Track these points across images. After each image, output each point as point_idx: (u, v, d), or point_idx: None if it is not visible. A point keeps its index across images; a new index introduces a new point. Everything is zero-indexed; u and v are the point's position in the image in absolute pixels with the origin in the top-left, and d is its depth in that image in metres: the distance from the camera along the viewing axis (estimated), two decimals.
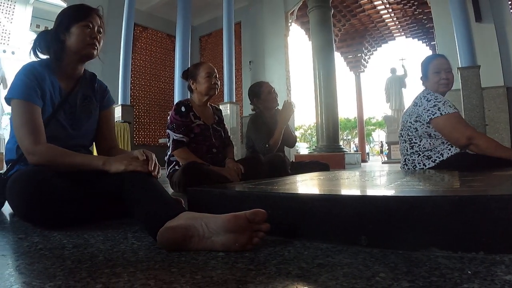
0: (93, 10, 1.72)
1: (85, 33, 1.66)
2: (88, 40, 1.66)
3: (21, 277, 0.81)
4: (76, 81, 1.77)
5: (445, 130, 2.39)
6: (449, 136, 2.39)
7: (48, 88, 1.62)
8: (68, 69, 1.72)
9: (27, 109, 1.52)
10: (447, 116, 2.35)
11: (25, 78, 1.55)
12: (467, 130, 2.33)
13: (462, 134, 2.32)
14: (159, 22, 11.78)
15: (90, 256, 0.96)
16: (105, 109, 1.90)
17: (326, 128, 8.69)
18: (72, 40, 1.65)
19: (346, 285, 0.70)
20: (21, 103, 1.52)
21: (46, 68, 1.65)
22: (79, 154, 1.53)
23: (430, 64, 2.60)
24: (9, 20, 25.25)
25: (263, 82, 3.53)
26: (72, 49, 1.66)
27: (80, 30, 1.65)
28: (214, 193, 1.36)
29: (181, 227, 1.02)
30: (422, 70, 2.67)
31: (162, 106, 11.70)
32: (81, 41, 1.65)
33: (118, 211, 1.55)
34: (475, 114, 5.82)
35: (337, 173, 2.43)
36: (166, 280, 0.76)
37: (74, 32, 1.65)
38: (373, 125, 52.30)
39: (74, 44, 1.65)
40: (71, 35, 1.65)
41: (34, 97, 1.54)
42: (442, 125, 2.39)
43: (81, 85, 1.78)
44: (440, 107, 2.38)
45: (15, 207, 1.48)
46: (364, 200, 1.01)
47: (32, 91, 1.54)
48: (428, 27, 13.45)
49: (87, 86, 1.82)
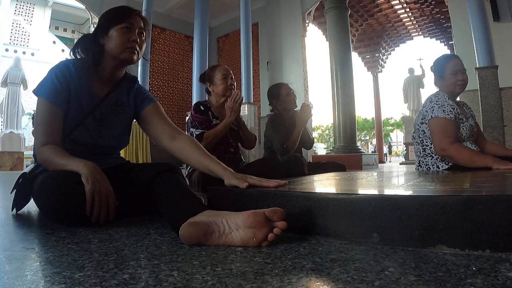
0: (133, 11, 1.65)
1: (124, 36, 1.59)
2: (127, 43, 1.59)
3: (51, 268, 0.85)
4: (113, 85, 1.71)
5: (431, 133, 2.40)
6: (432, 139, 2.41)
7: (77, 90, 1.58)
8: (104, 73, 1.66)
9: (48, 110, 1.53)
10: (435, 119, 2.35)
11: (55, 79, 1.54)
12: (444, 140, 2.30)
13: (439, 142, 2.32)
14: (177, 23, 11.89)
15: (115, 250, 1.01)
16: (147, 106, 1.77)
17: (343, 128, 8.66)
18: (111, 44, 1.59)
19: (357, 278, 0.74)
20: (45, 103, 1.53)
21: (81, 69, 1.61)
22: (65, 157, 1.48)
23: (447, 64, 2.54)
24: (28, 22, 25.71)
25: (282, 84, 3.54)
26: (111, 53, 1.60)
27: (118, 33, 1.58)
28: (233, 191, 1.40)
29: (204, 223, 1.07)
30: (437, 71, 2.60)
31: (181, 107, 11.80)
32: (119, 45, 1.58)
33: (141, 209, 1.60)
34: (493, 115, 5.72)
35: (352, 174, 2.45)
36: (188, 271, 0.80)
37: (112, 35, 1.59)
38: (391, 126, 51.76)
39: (113, 48, 1.59)
40: (110, 39, 1.59)
41: (58, 100, 1.53)
42: (430, 128, 2.40)
43: (117, 90, 1.72)
44: (435, 109, 2.37)
45: (42, 209, 1.51)
46: (376, 199, 1.04)
47: (57, 93, 1.53)
48: (445, 26, 13.29)
49: (123, 91, 1.75)
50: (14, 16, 25.10)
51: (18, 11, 25.42)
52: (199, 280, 0.74)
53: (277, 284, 0.71)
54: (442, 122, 2.34)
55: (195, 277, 0.76)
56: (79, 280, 0.74)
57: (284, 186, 1.37)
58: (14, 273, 0.80)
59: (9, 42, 24.27)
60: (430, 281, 0.71)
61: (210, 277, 0.77)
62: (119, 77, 1.73)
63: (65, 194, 1.35)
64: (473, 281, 0.70)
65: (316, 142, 37.64)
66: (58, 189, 1.36)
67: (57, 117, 1.54)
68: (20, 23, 25.39)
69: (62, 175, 1.40)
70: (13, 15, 24.96)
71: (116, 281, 0.74)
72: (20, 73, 12.42)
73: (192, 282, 0.73)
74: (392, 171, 2.76)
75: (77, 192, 1.35)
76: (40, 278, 0.77)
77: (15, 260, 0.92)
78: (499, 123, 5.72)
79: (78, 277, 0.76)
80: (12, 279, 0.76)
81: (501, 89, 5.87)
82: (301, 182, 1.70)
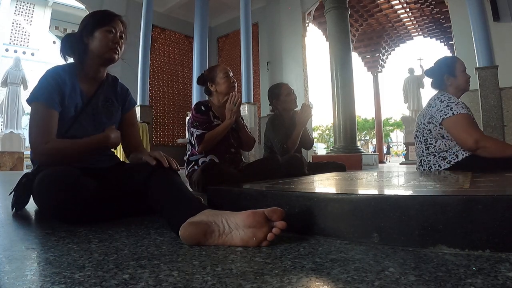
0: (116, 16, 1.80)
1: (108, 38, 1.73)
2: (111, 44, 1.74)
3: (51, 267, 0.85)
4: (98, 84, 1.84)
5: (454, 130, 2.37)
6: (457, 137, 2.37)
7: (68, 92, 1.69)
8: (90, 72, 1.79)
9: (44, 112, 1.61)
10: (458, 116, 2.34)
11: (46, 83, 1.64)
12: (475, 133, 2.30)
13: (470, 136, 2.29)
14: (177, 23, 11.90)
15: (115, 250, 1.02)
16: (128, 111, 1.98)
17: (343, 128, 8.65)
18: (95, 43, 1.73)
19: (357, 278, 0.74)
20: (39, 106, 1.61)
21: (68, 73, 1.72)
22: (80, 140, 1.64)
23: (457, 63, 2.60)
24: (29, 22, 25.68)
25: (282, 84, 3.54)
26: (95, 52, 1.74)
27: (103, 34, 1.73)
28: (233, 192, 1.40)
29: (203, 222, 1.08)
30: (448, 70, 2.61)
31: (181, 107, 11.81)
32: (103, 45, 1.73)
33: (140, 209, 1.60)
34: (493, 115, 5.73)
35: (352, 174, 2.45)
36: (188, 271, 0.81)
37: (97, 36, 1.73)
38: (391, 126, 51.74)
39: (97, 48, 1.73)
40: (95, 39, 1.73)
41: (52, 102, 1.62)
42: (452, 125, 2.37)
43: (103, 88, 1.85)
44: (453, 107, 2.36)
45: (42, 206, 1.53)
46: (376, 199, 1.04)
47: (51, 96, 1.62)
48: (446, 26, 13.28)
49: (109, 89, 1.89)
50: (14, 16, 25.06)
51: (18, 11, 25.38)
52: (199, 280, 0.74)
53: (277, 284, 0.71)
54: (467, 117, 2.35)
55: (195, 277, 0.77)
56: (79, 280, 0.75)
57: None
58: (14, 273, 0.80)
59: (9, 42, 24.24)
60: (430, 281, 0.71)
61: (210, 277, 0.77)
62: (102, 77, 1.87)
63: (64, 190, 1.36)
64: (473, 281, 0.71)
65: (316, 142, 37.66)
66: (57, 185, 1.38)
67: (53, 118, 1.63)
68: (20, 23, 25.35)
69: (61, 172, 1.42)
70: (13, 15, 24.93)
71: (116, 281, 0.74)
72: (20, 73, 12.40)
73: (192, 282, 0.73)
74: (391, 171, 2.76)
75: (76, 189, 1.38)
76: (40, 278, 0.78)
77: (15, 260, 0.92)
78: (499, 123, 5.72)
79: (78, 277, 0.77)
80: (12, 279, 0.76)
81: (501, 89, 5.88)
82: (301, 182, 1.71)
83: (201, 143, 2.70)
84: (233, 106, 2.71)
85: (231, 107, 2.71)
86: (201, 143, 2.70)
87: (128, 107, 1.98)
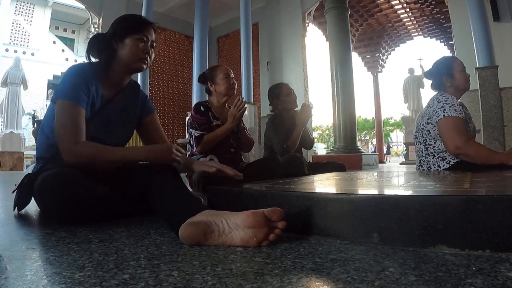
0: (150, 24, 1.73)
1: (138, 47, 1.66)
2: (141, 54, 1.67)
3: (52, 268, 0.85)
4: (119, 90, 1.77)
5: (442, 132, 2.37)
6: (443, 139, 2.38)
7: (92, 92, 1.61)
8: (114, 78, 1.72)
9: (73, 110, 1.52)
10: (447, 118, 2.32)
11: (73, 80, 1.56)
12: (458, 138, 2.28)
13: (451, 141, 2.30)
14: (177, 23, 11.89)
15: (116, 250, 1.02)
16: (147, 116, 1.90)
17: (343, 128, 8.65)
18: (124, 51, 1.66)
19: (357, 278, 0.74)
20: (67, 103, 1.52)
21: (93, 72, 1.64)
22: (118, 148, 1.57)
23: (454, 63, 2.58)
24: (28, 22, 25.70)
25: (282, 84, 3.54)
26: (123, 60, 1.67)
27: (133, 42, 1.66)
28: (233, 192, 1.41)
29: (203, 222, 1.08)
30: (446, 71, 2.59)
31: (181, 107, 11.81)
32: (133, 54, 1.66)
33: (141, 209, 1.60)
34: (493, 115, 5.71)
35: (352, 174, 2.45)
36: (188, 271, 0.81)
37: (127, 44, 1.66)
38: (391, 126, 51.72)
39: (126, 56, 1.66)
40: (124, 46, 1.66)
41: (80, 99, 1.54)
42: (441, 127, 2.37)
43: (123, 94, 1.78)
44: (446, 109, 2.35)
45: (43, 206, 1.51)
46: (376, 199, 1.04)
47: (79, 93, 1.54)
48: (446, 26, 13.27)
49: (129, 97, 1.82)
50: (14, 16, 25.08)
51: (18, 11, 25.40)
52: (199, 280, 0.74)
53: (277, 284, 0.71)
54: (455, 120, 2.33)
55: (195, 277, 0.77)
56: (79, 280, 0.75)
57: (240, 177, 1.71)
58: (14, 273, 0.81)
59: (9, 42, 24.25)
60: (430, 281, 0.71)
61: (210, 277, 0.77)
62: (125, 83, 1.79)
63: (65, 191, 1.35)
64: (473, 281, 0.71)
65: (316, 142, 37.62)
66: (59, 186, 1.36)
67: (81, 116, 1.55)
68: (20, 23, 25.37)
69: (62, 173, 1.40)
70: (13, 15, 24.94)
71: (116, 281, 0.74)
72: (20, 73, 12.41)
73: (192, 282, 0.74)
74: (391, 171, 2.76)
75: (77, 190, 1.37)
76: (40, 278, 0.78)
77: (15, 260, 0.92)
78: (499, 123, 5.71)
79: (78, 277, 0.77)
80: (12, 279, 0.77)
81: (501, 89, 5.87)
82: (301, 182, 1.71)
83: (199, 144, 2.71)
84: (237, 112, 2.70)
85: (234, 112, 2.70)
86: (200, 145, 2.71)
87: (147, 113, 1.91)
